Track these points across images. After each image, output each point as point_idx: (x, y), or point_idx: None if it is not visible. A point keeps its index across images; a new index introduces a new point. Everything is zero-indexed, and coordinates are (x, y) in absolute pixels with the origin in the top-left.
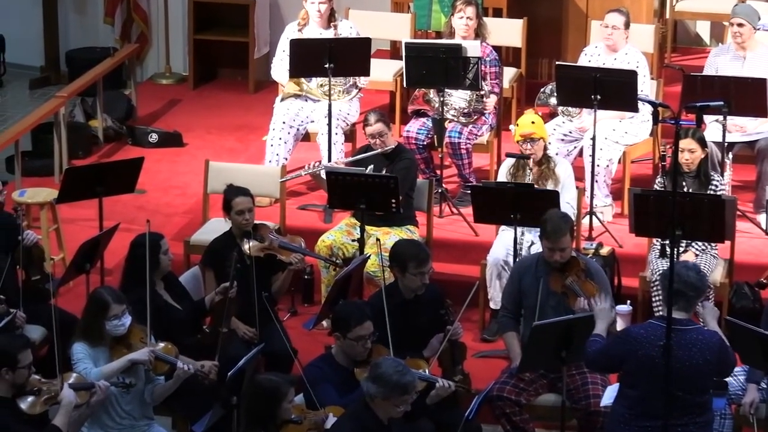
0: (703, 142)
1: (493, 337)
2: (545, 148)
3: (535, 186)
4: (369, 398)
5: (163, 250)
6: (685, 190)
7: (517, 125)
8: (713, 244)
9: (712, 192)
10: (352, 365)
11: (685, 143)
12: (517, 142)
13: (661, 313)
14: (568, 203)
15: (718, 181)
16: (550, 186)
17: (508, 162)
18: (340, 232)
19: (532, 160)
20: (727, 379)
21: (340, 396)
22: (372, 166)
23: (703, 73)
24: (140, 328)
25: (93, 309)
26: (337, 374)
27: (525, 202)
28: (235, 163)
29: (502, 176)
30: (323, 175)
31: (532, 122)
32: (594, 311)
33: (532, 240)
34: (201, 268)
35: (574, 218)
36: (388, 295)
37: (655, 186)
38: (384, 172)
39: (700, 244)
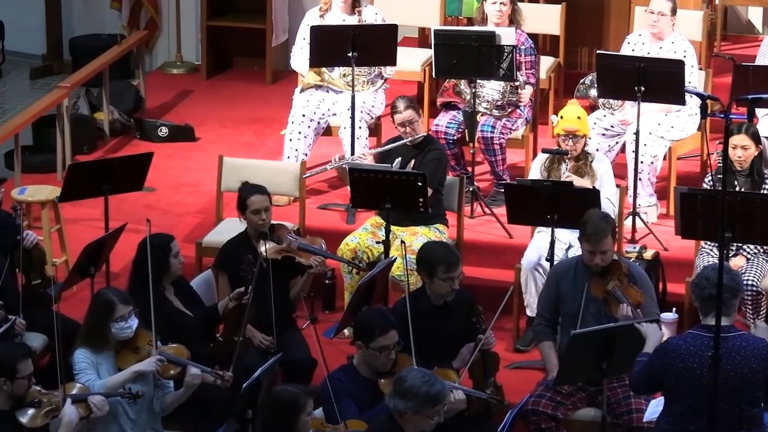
0: (757, 138)
1: (528, 347)
2: (585, 144)
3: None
4: (398, 414)
5: (174, 252)
6: (737, 189)
7: (561, 117)
8: (766, 247)
9: (766, 191)
10: (376, 376)
11: (738, 139)
12: (558, 135)
13: (702, 321)
14: (607, 199)
15: None
16: (586, 183)
17: (542, 157)
18: (365, 233)
19: (568, 155)
20: None
21: (361, 411)
22: (399, 159)
23: (756, 63)
24: (148, 332)
25: (97, 310)
26: (360, 386)
27: (563, 201)
28: (250, 159)
29: (536, 172)
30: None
31: (578, 117)
32: (642, 329)
33: (570, 242)
34: (214, 272)
35: (614, 216)
36: (415, 302)
37: (704, 185)
38: (412, 163)
39: (752, 246)
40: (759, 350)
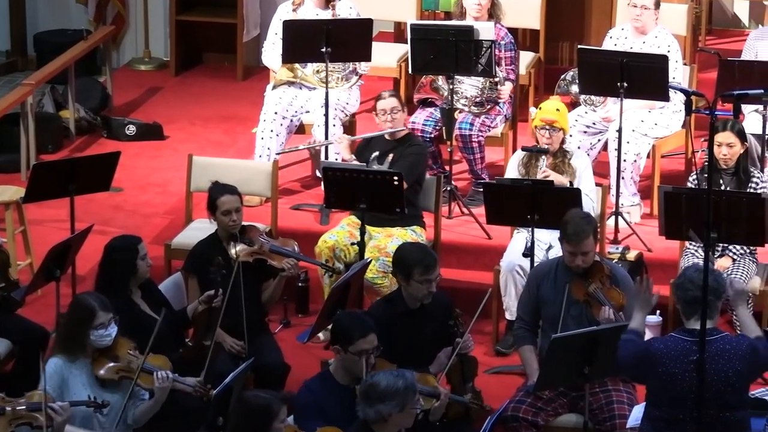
0: (742, 136)
1: (508, 351)
2: (563, 141)
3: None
4: (380, 420)
5: (141, 255)
6: (723, 188)
7: (539, 109)
8: (752, 248)
9: (752, 190)
10: (354, 383)
11: (723, 137)
12: (535, 127)
13: (685, 325)
14: (586, 195)
15: (758, 178)
16: (565, 180)
17: (519, 154)
18: (343, 232)
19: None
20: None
21: (334, 422)
22: (377, 153)
23: (742, 58)
24: (127, 339)
25: (76, 316)
26: (336, 395)
27: (544, 201)
28: (221, 157)
29: (512, 170)
30: (323, 157)
31: (557, 109)
32: (634, 296)
33: (550, 242)
34: (183, 275)
35: (594, 213)
36: (391, 305)
37: (689, 184)
38: (391, 157)
39: (738, 247)
40: (742, 351)
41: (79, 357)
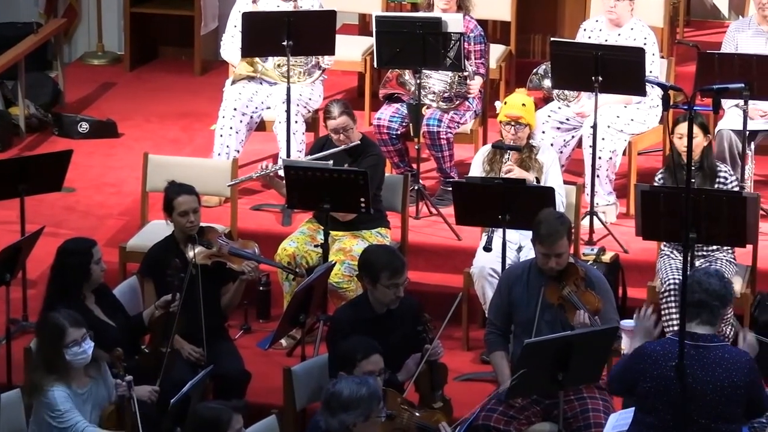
0: (704, 128)
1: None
2: (529, 137)
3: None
4: (345, 430)
5: (95, 259)
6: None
7: (505, 103)
8: (731, 248)
9: (720, 186)
10: None
11: (683, 129)
12: (500, 122)
13: (675, 328)
14: (559, 194)
15: (726, 172)
16: (531, 176)
17: (484, 150)
18: (302, 237)
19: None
20: None
21: None
22: (331, 162)
23: (722, 51)
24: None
25: (47, 338)
26: None
27: (515, 200)
28: (178, 156)
29: (477, 167)
30: (282, 174)
31: (523, 104)
32: (634, 327)
33: (520, 243)
34: (139, 279)
35: (563, 209)
36: (356, 310)
37: (655, 182)
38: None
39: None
40: (742, 364)
41: (74, 380)
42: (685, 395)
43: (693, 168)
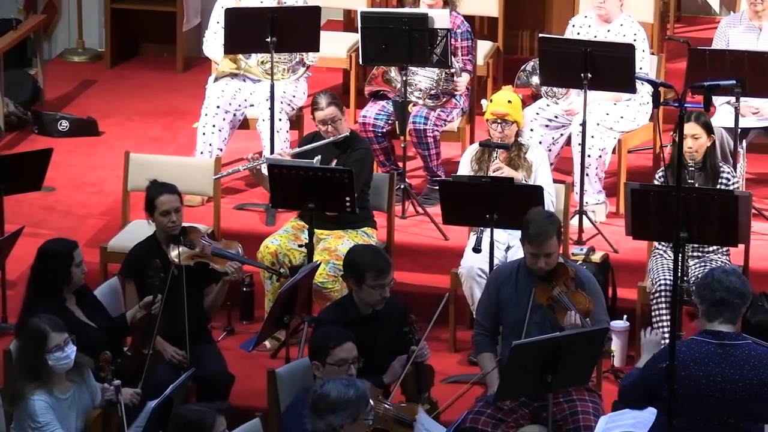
0: (708, 128)
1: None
2: (517, 134)
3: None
4: None
5: (76, 261)
6: (691, 185)
7: (491, 101)
8: (726, 249)
9: (722, 186)
10: None
11: (688, 128)
12: (487, 120)
13: (707, 327)
14: (548, 193)
15: (729, 173)
16: (519, 175)
17: (473, 149)
18: (286, 236)
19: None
20: None
21: None
22: (319, 157)
23: (713, 47)
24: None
25: (29, 343)
26: None
27: (503, 199)
28: (160, 154)
29: (465, 167)
30: (265, 171)
31: (509, 101)
32: (641, 343)
33: (508, 242)
34: (120, 280)
35: (552, 208)
36: (342, 311)
37: (656, 181)
38: (335, 164)
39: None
40: None
41: (56, 384)
42: (673, 397)
43: (696, 168)
